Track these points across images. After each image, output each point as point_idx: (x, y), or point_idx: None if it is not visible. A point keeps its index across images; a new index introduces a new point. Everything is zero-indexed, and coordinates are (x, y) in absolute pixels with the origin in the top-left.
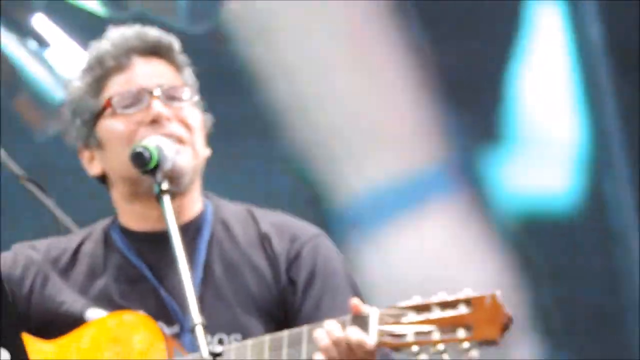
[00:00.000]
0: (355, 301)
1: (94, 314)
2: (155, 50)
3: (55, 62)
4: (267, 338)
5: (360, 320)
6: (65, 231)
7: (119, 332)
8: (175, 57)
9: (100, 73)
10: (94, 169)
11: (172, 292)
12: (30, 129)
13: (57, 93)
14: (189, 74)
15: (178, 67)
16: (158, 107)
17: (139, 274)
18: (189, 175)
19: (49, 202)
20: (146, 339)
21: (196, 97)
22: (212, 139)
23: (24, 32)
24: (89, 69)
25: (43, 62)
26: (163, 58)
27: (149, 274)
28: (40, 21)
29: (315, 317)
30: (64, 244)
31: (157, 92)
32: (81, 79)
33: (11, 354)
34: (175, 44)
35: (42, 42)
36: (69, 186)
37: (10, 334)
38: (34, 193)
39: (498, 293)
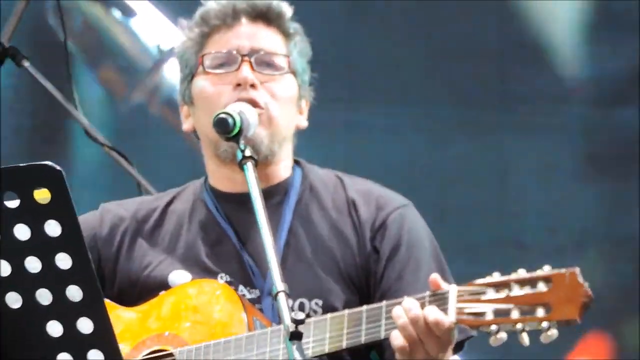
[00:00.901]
0: (435, 277)
1: (177, 276)
2: (262, 15)
3: (141, 32)
4: (346, 312)
5: (439, 298)
6: None
7: (199, 301)
8: (284, 24)
9: (204, 30)
10: (186, 124)
11: (254, 256)
12: (115, 99)
13: (142, 63)
14: (299, 42)
15: (286, 35)
16: (246, 72)
17: (223, 234)
18: (265, 143)
19: (133, 171)
20: (226, 309)
21: (298, 68)
22: None
23: (109, 1)
24: (196, 24)
25: (128, 31)
26: (271, 24)
27: (233, 236)
28: None
29: (396, 288)
30: (153, 203)
31: (250, 56)
32: (187, 34)
33: (95, 324)
34: (288, 11)
35: (127, 12)
36: (151, 156)
37: (94, 303)
38: (118, 161)
39: (578, 270)
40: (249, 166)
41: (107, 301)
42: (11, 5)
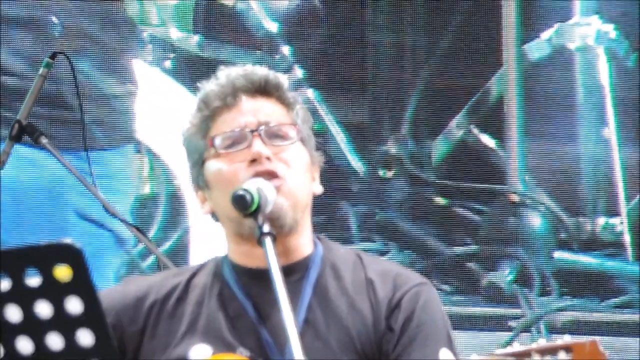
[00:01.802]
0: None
1: (198, 351)
2: (262, 89)
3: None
4: None
5: None
6: None
7: None
8: (283, 95)
9: (207, 113)
10: (205, 208)
11: (273, 331)
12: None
13: None
14: (299, 111)
15: (287, 105)
16: (258, 146)
17: (242, 308)
18: (289, 214)
19: (152, 246)
20: None
21: (305, 135)
22: None
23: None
24: (197, 109)
25: None
26: (271, 96)
27: (252, 310)
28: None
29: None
30: (177, 277)
31: (259, 130)
32: (191, 120)
33: None
34: (284, 82)
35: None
36: None
37: None
38: (137, 237)
39: (598, 340)
40: (268, 242)
41: None
42: (27, 81)
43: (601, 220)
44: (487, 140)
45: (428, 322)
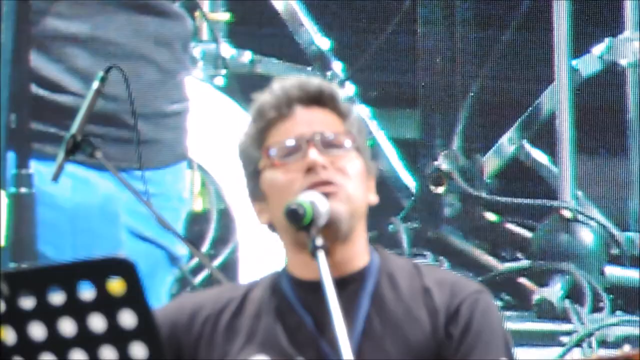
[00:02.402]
0: None
1: None
2: (316, 99)
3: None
4: None
5: None
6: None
7: None
8: (338, 105)
9: (262, 125)
10: (262, 219)
11: (332, 344)
12: None
13: None
14: (354, 120)
15: (341, 115)
16: (314, 155)
17: (301, 321)
18: (346, 220)
19: (206, 260)
20: None
21: (360, 144)
22: None
23: None
24: (252, 121)
25: None
26: (325, 106)
27: (311, 323)
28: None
29: None
30: (232, 292)
31: (314, 140)
32: (246, 132)
33: None
34: (338, 92)
35: None
36: None
37: None
38: (193, 252)
39: None
40: (321, 255)
41: None
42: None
43: None
44: (539, 156)
45: (487, 330)
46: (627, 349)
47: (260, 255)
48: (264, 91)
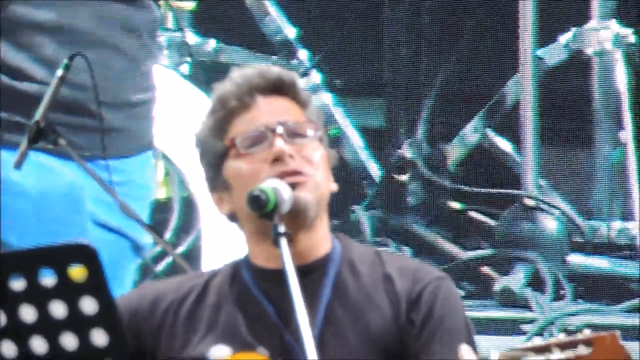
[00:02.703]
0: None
1: (217, 352)
2: (277, 88)
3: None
4: None
5: None
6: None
7: None
8: (298, 94)
9: (224, 114)
10: (223, 209)
11: (294, 331)
12: None
13: None
14: (313, 109)
15: (301, 103)
16: (280, 144)
17: (262, 310)
18: (313, 208)
19: (169, 248)
20: None
21: (320, 133)
22: None
23: None
24: (213, 110)
25: None
26: (286, 95)
27: (272, 312)
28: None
29: (424, 355)
30: (194, 280)
31: (279, 129)
32: (206, 121)
33: None
34: (298, 79)
35: None
36: None
37: None
38: (156, 239)
39: (618, 333)
40: (284, 242)
41: None
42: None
43: (616, 224)
44: (503, 144)
45: (449, 316)
46: (587, 332)
47: (224, 243)
48: (224, 80)
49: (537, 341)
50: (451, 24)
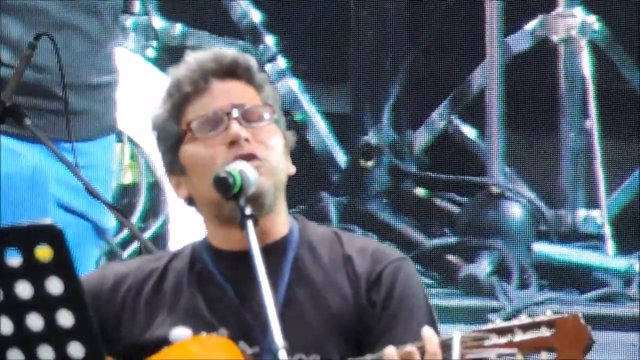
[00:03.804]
0: (427, 329)
1: (179, 333)
2: (232, 71)
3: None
4: None
5: (443, 345)
6: None
7: (200, 355)
8: (253, 77)
9: (179, 99)
10: (180, 193)
11: (254, 312)
12: None
13: None
14: (269, 92)
15: (257, 86)
16: (236, 128)
17: (222, 291)
18: (270, 194)
19: (134, 229)
20: None
21: (276, 116)
22: None
23: None
24: (168, 95)
25: None
26: (241, 78)
27: (232, 292)
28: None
29: (386, 336)
30: (154, 262)
31: (234, 113)
32: (162, 106)
33: None
34: (253, 62)
35: None
36: None
37: None
38: (121, 220)
39: (580, 314)
40: (250, 225)
41: (111, 359)
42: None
43: (581, 213)
44: (469, 132)
45: (410, 296)
46: (549, 313)
47: (191, 228)
48: (178, 65)
49: (500, 322)
50: (418, 10)
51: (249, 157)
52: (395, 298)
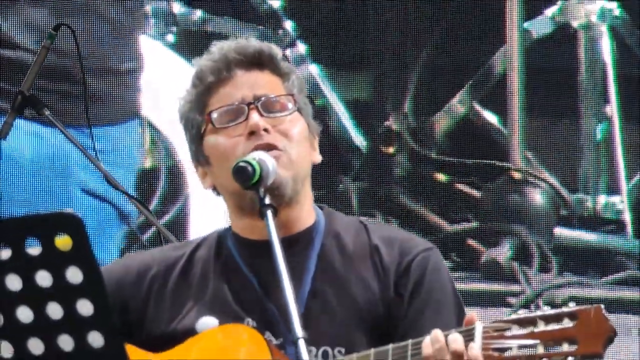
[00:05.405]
0: (471, 315)
1: (205, 322)
2: (256, 61)
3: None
4: (372, 352)
5: (466, 334)
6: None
7: (226, 344)
8: (277, 66)
9: (202, 89)
10: (206, 183)
11: (277, 303)
12: None
13: None
14: (294, 81)
15: (281, 76)
16: (256, 118)
17: (247, 281)
18: (290, 185)
19: (154, 219)
20: (252, 352)
21: (302, 104)
22: None
23: None
24: (193, 85)
25: None
26: (265, 68)
27: (256, 283)
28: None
29: (415, 327)
30: (179, 250)
31: (255, 103)
32: (186, 97)
33: None
34: (278, 52)
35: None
36: None
37: (115, 349)
38: (140, 210)
39: (602, 306)
40: (269, 214)
41: (134, 348)
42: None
43: (602, 198)
44: (489, 117)
45: (438, 288)
46: (572, 305)
47: (210, 211)
48: (203, 55)
49: (522, 313)
50: None
51: (269, 147)
52: (423, 289)
